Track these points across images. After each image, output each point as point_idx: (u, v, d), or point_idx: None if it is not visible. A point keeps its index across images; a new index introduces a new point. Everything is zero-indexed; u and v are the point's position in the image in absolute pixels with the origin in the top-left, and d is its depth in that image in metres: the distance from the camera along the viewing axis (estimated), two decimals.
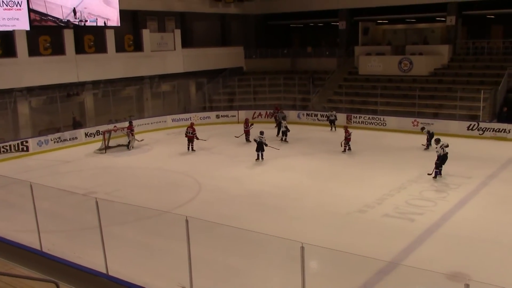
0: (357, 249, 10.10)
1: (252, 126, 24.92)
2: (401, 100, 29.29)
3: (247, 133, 24.77)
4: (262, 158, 20.98)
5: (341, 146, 22.34)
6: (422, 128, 23.36)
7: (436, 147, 17.66)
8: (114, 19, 28.16)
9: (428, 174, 17.74)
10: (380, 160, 20.78)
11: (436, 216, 13.99)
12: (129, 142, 24.14)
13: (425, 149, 22.51)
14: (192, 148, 23.21)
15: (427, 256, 11.48)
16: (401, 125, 25.46)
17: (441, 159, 17.48)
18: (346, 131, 22.43)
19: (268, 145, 21.17)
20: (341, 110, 29.44)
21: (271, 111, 29.69)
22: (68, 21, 26.38)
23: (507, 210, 14.54)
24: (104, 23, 27.57)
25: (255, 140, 21.15)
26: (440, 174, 17.55)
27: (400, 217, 14.12)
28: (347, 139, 22.27)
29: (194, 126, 23.55)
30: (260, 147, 20.91)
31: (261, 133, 21.16)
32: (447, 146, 17.59)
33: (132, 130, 24.41)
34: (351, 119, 28.54)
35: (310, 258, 8.51)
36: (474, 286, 6.34)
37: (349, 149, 22.29)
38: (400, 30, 37.01)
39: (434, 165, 17.58)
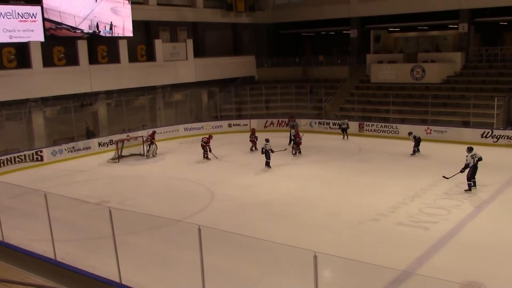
0: (371, 258, 10.05)
1: (256, 138, 24.63)
2: (413, 108, 29.14)
3: (253, 142, 24.71)
4: (269, 166, 20.99)
5: (292, 153, 23.23)
6: (409, 133, 23.40)
7: (467, 156, 16.85)
8: (121, 26, 28.38)
9: (444, 177, 17.39)
10: (393, 168, 20.67)
11: (451, 225, 13.85)
12: (148, 151, 24.36)
13: (411, 154, 22.58)
14: (207, 156, 23.31)
15: (441, 265, 11.37)
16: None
17: (471, 171, 16.68)
18: (297, 136, 23.47)
19: (274, 150, 21.29)
20: (353, 118, 29.39)
21: (286, 120, 29.69)
22: (82, 31, 26.73)
23: None
24: (111, 27, 27.73)
25: (262, 149, 21.26)
26: (475, 186, 16.84)
27: (414, 225, 14.00)
28: (298, 143, 23.29)
29: (210, 139, 23.60)
30: (267, 154, 20.99)
31: (267, 140, 21.34)
32: (480, 159, 16.69)
33: (153, 139, 24.57)
34: (363, 127, 28.46)
35: (323, 267, 8.47)
36: None
37: (300, 152, 23.25)
38: (412, 38, 36.89)
39: (453, 172, 17.15)
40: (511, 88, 27.02)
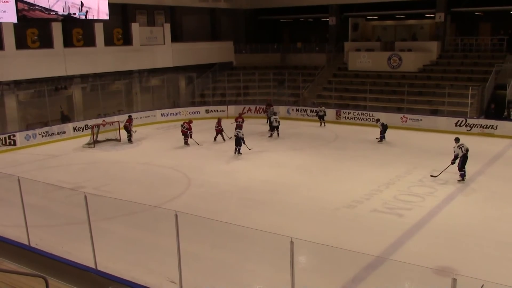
0: (346, 244, 10.19)
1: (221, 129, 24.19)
2: (390, 96, 29.45)
3: (218, 132, 24.03)
4: (239, 153, 21.00)
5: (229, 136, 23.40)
6: (377, 120, 23.81)
7: (454, 146, 16.90)
8: (96, 8, 27.69)
9: (432, 176, 17.11)
10: (369, 156, 20.89)
11: (424, 212, 14.10)
12: (129, 136, 24.20)
13: (378, 141, 23.00)
14: (186, 142, 23.20)
15: (415, 251, 11.58)
16: (390, 121, 25.51)
17: (461, 161, 16.66)
18: (237, 119, 24.03)
19: (245, 142, 21.12)
20: (330, 105, 29.56)
21: (263, 106, 29.63)
22: (57, 12, 26.07)
23: (494, 206, 14.71)
24: (81, 7, 26.98)
25: (235, 136, 21.22)
26: (464, 176, 16.76)
27: (388, 212, 14.21)
28: (239, 126, 23.35)
29: (191, 124, 23.44)
30: (238, 142, 21.00)
31: (240, 128, 21.34)
32: (467, 150, 16.71)
33: (131, 125, 24.31)
34: (340, 114, 28.64)
35: (299, 253, 8.56)
36: (461, 281, 6.41)
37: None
38: (390, 26, 37.13)
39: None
40: (485, 78, 27.49)
